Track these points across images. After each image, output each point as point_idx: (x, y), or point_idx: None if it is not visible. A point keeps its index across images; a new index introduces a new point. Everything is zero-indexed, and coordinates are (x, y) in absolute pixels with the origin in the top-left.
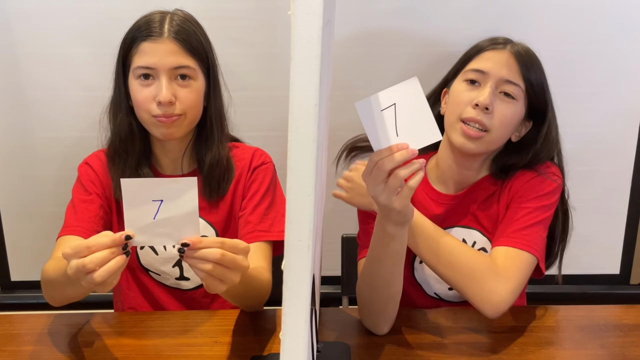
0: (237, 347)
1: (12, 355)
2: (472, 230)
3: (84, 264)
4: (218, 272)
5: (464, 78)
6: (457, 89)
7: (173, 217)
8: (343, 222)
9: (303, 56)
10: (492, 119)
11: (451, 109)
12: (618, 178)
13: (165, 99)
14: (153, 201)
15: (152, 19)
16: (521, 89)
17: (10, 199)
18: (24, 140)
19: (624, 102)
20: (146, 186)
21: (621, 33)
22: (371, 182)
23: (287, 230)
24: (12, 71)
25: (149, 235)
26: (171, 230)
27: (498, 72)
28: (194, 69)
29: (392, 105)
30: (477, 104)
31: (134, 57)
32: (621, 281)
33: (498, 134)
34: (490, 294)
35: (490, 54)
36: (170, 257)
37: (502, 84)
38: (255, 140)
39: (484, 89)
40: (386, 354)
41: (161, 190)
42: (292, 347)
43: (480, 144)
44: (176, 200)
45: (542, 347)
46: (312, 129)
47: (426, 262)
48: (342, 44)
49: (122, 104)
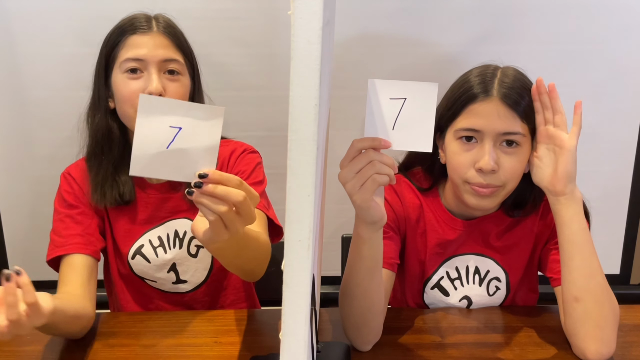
0: (237, 347)
1: (12, 355)
2: (486, 258)
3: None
4: (229, 217)
5: (457, 136)
6: (452, 150)
7: (189, 149)
8: (343, 222)
9: (303, 56)
10: (501, 175)
11: (452, 170)
12: (618, 178)
13: (157, 90)
14: (170, 127)
15: (137, 17)
16: (522, 134)
17: (10, 199)
18: (24, 140)
19: (624, 102)
20: (166, 107)
21: (620, 33)
22: (347, 168)
23: (287, 230)
24: (12, 71)
25: (157, 165)
26: (184, 163)
27: (492, 127)
28: (183, 64)
29: (403, 99)
30: (482, 169)
31: (121, 51)
32: (621, 281)
33: (512, 185)
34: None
35: (479, 108)
36: (163, 262)
37: (500, 136)
38: (255, 140)
39: (482, 149)
40: (386, 354)
41: (183, 115)
42: (292, 347)
43: (495, 198)
44: (197, 130)
45: (542, 347)
46: (312, 129)
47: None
48: (342, 44)
49: (101, 104)
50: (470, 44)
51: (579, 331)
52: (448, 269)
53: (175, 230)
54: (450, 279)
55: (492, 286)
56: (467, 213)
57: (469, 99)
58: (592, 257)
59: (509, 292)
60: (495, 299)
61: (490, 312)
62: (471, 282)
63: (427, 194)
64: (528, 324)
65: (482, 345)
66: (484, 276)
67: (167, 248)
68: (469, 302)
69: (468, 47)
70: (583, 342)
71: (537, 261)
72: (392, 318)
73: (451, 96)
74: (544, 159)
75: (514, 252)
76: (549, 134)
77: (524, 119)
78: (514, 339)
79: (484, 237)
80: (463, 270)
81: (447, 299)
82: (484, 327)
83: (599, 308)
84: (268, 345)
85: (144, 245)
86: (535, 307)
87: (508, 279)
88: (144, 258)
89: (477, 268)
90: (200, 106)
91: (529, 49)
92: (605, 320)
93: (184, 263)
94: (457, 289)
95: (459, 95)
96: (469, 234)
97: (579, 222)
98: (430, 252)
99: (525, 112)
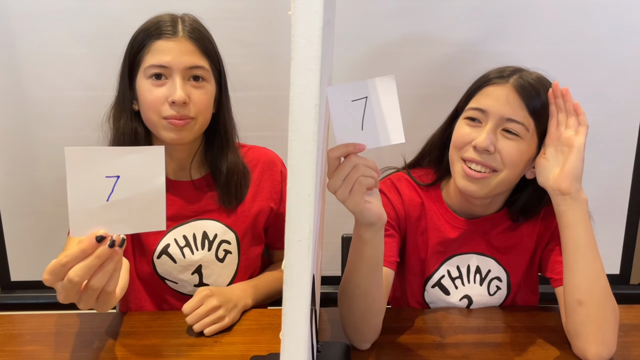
0: (237, 347)
1: (12, 355)
2: (487, 258)
3: (70, 280)
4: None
5: (465, 116)
6: (458, 127)
7: (132, 197)
8: (343, 222)
9: (303, 56)
10: (497, 159)
11: (452, 147)
12: (618, 178)
13: (180, 99)
14: (107, 177)
15: (163, 19)
16: (525, 127)
17: (10, 199)
18: (24, 140)
19: (624, 102)
20: (98, 157)
21: (621, 33)
22: (333, 177)
23: (287, 230)
24: (12, 71)
25: (101, 221)
26: (130, 214)
27: (498, 110)
28: (208, 70)
29: (364, 98)
30: (476, 147)
31: (145, 57)
32: (621, 281)
33: (506, 174)
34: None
35: (492, 89)
36: (189, 263)
37: (503, 122)
38: (255, 141)
39: (483, 129)
40: (386, 354)
41: (118, 162)
42: (292, 347)
43: (483, 185)
44: (137, 175)
45: (542, 347)
46: (312, 129)
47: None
48: (342, 44)
49: (126, 107)
50: (472, 44)
51: (580, 333)
52: (449, 267)
53: (204, 232)
54: (451, 278)
55: (493, 286)
56: (468, 211)
57: (485, 83)
58: (596, 261)
59: (510, 292)
60: (495, 298)
61: (490, 312)
62: (472, 281)
63: (430, 192)
64: (528, 324)
65: (482, 345)
66: (485, 276)
67: (194, 249)
68: (470, 302)
69: (469, 48)
70: (584, 344)
71: (537, 262)
72: (392, 318)
73: (470, 87)
74: (551, 160)
75: (515, 253)
76: (559, 135)
77: (532, 114)
78: (514, 339)
79: (485, 237)
80: (464, 269)
81: (447, 298)
82: (484, 327)
83: (601, 312)
84: (268, 345)
85: (170, 245)
86: (535, 307)
87: (509, 279)
88: (170, 258)
89: (478, 267)
90: (136, 149)
91: (530, 49)
92: (607, 324)
93: (209, 266)
94: (458, 288)
95: (476, 82)
96: (471, 233)
97: (585, 224)
98: (432, 250)
99: (536, 110)
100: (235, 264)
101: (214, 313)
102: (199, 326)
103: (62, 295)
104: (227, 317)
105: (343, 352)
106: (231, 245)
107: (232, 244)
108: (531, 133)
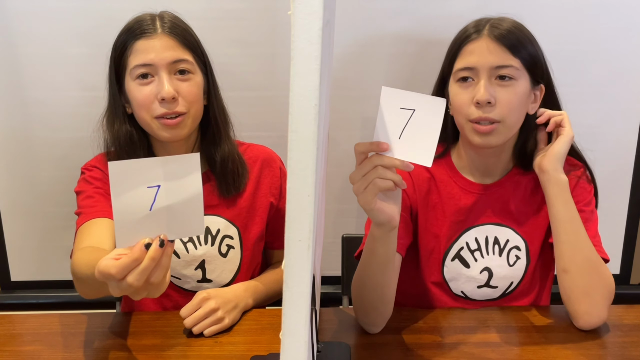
0: (237, 347)
1: (12, 355)
2: (505, 228)
3: (130, 284)
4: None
5: (456, 78)
6: (453, 92)
7: (173, 204)
8: (343, 222)
9: (303, 56)
10: (498, 109)
11: (456, 112)
12: (618, 178)
13: (169, 95)
14: (148, 188)
15: (142, 18)
16: (515, 67)
17: (10, 199)
18: (24, 140)
19: (624, 102)
20: (139, 169)
21: (621, 33)
22: (356, 170)
23: (287, 230)
24: (12, 71)
25: (145, 230)
26: (171, 220)
27: (485, 62)
28: (193, 63)
29: (412, 110)
30: (478, 102)
31: (129, 58)
32: (621, 281)
33: (510, 120)
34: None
35: (471, 47)
36: (192, 259)
37: (494, 71)
38: (255, 141)
39: (478, 84)
40: (386, 354)
41: (157, 172)
42: (292, 347)
43: (498, 134)
44: (177, 182)
45: (542, 347)
46: (312, 129)
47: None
48: (342, 44)
49: (118, 111)
50: None
51: (569, 297)
52: (467, 239)
53: (206, 227)
54: (470, 250)
55: (512, 256)
56: (482, 167)
57: (463, 41)
58: (577, 234)
59: (529, 262)
60: (516, 270)
61: (490, 312)
62: (491, 252)
63: (440, 162)
64: (528, 324)
65: (482, 345)
66: (503, 246)
67: (197, 244)
68: (490, 274)
69: None
70: (573, 306)
71: None
72: (392, 318)
73: (450, 47)
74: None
75: (532, 221)
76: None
77: (514, 53)
78: (514, 339)
79: (502, 204)
80: (482, 241)
81: (468, 272)
82: (484, 327)
83: (587, 279)
84: (268, 345)
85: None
86: (535, 307)
87: (528, 248)
88: (174, 253)
89: (496, 238)
90: (173, 158)
91: None
92: (593, 289)
93: (213, 261)
94: (477, 261)
95: (454, 41)
96: (486, 201)
97: (564, 201)
98: (449, 221)
99: (514, 46)
100: (238, 260)
101: (212, 315)
102: (197, 329)
103: (117, 291)
104: (226, 318)
105: (343, 352)
106: (234, 240)
107: (235, 239)
108: (521, 70)
